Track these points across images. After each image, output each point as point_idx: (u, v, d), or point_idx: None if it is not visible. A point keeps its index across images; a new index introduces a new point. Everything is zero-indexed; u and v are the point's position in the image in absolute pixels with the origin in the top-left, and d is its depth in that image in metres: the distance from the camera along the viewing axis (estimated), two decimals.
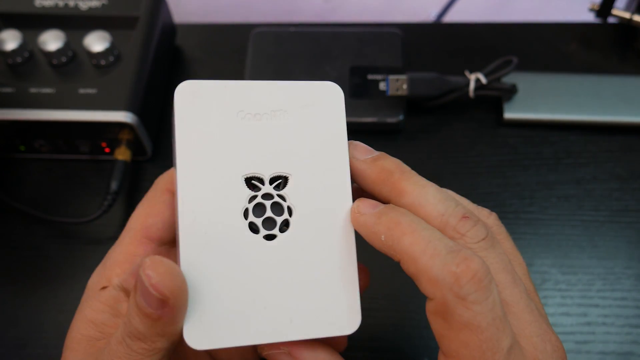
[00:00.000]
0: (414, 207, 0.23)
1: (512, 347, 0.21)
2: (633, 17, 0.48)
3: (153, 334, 0.22)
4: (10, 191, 0.43)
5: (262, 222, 0.23)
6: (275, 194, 0.23)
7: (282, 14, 0.65)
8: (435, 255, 0.21)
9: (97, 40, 0.42)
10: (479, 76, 0.43)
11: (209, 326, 0.22)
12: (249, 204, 0.23)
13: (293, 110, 0.24)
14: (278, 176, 0.24)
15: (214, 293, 0.22)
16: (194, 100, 0.23)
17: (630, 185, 0.42)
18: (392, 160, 0.25)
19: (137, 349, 0.22)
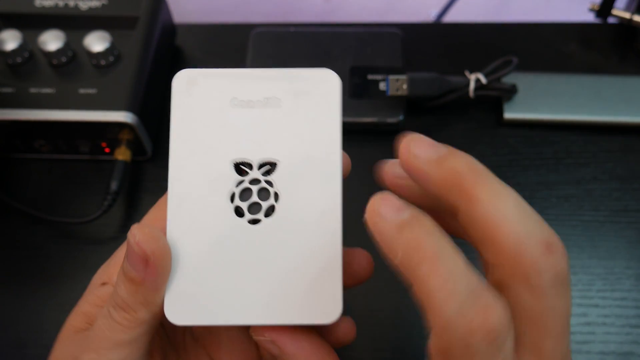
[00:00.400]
0: (486, 225, 0.19)
1: None
2: (633, 17, 0.48)
3: (136, 302, 0.22)
4: (10, 191, 0.43)
5: (248, 206, 0.23)
6: (262, 180, 0.24)
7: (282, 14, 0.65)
8: (452, 296, 0.18)
9: (97, 40, 0.42)
10: (479, 76, 0.43)
11: (188, 303, 0.23)
12: (236, 188, 0.24)
13: (286, 97, 0.24)
14: (267, 162, 0.24)
15: (196, 271, 0.23)
16: (189, 87, 0.24)
17: (630, 185, 0.42)
18: (463, 158, 0.21)
19: (120, 320, 0.23)
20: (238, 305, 0.23)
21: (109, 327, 0.23)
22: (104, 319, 0.23)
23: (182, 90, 0.24)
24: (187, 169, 0.24)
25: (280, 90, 0.24)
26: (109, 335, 0.23)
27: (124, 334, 0.23)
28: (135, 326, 0.23)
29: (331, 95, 0.24)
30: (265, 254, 0.23)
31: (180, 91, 0.24)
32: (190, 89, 0.24)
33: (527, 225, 0.19)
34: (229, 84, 0.24)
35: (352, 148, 0.44)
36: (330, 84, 0.24)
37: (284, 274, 0.23)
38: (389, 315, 0.37)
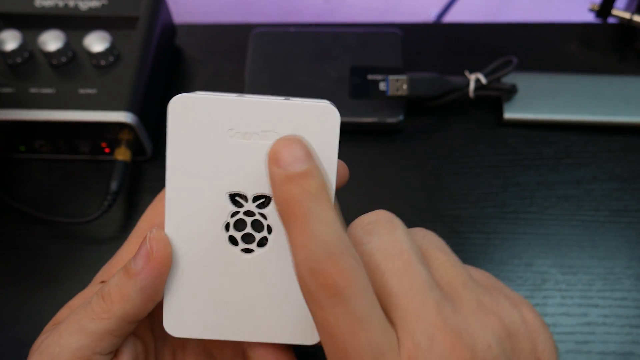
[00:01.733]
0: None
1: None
2: (633, 17, 0.48)
3: (117, 294, 0.24)
4: (11, 191, 0.43)
5: (241, 236, 0.25)
6: (256, 212, 0.24)
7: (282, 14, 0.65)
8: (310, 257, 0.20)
9: (97, 41, 0.42)
10: (479, 76, 0.43)
11: (185, 318, 0.25)
12: (230, 219, 0.24)
13: (284, 130, 0.23)
14: (261, 195, 0.24)
15: (193, 291, 0.25)
16: (186, 114, 0.24)
17: (630, 185, 0.42)
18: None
19: (94, 307, 0.24)
20: (230, 324, 0.25)
21: (82, 313, 0.24)
22: (81, 306, 0.25)
23: (178, 116, 0.24)
24: (184, 197, 0.24)
25: (278, 123, 0.24)
26: (78, 319, 0.24)
27: (92, 322, 0.24)
28: (104, 318, 0.24)
29: (330, 130, 0.24)
30: (256, 281, 0.25)
31: (176, 117, 0.24)
32: (186, 115, 0.24)
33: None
34: (227, 113, 0.24)
35: (352, 148, 0.45)
36: (329, 118, 0.24)
37: (272, 300, 0.25)
38: None
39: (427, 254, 0.23)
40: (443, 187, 0.43)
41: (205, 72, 0.49)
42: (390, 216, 0.23)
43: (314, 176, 0.20)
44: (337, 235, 0.20)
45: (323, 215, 0.20)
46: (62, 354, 0.24)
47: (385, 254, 0.21)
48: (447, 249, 0.23)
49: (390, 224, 0.22)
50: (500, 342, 0.21)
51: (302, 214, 0.20)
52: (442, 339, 0.19)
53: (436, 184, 0.43)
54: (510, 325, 0.22)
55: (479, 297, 0.22)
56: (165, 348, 0.28)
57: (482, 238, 0.40)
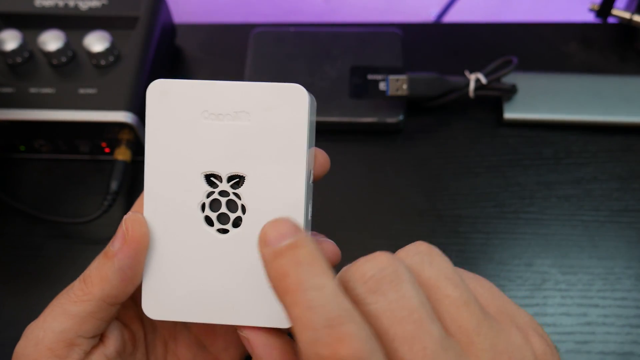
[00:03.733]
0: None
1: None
2: (633, 17, 0.48)
3: (98, 276, 0.24)
4: (10, 191, 0.43)
5: (217, 216, 0.25)
6: (231, 192, 0.25)
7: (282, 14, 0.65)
8: (308, 326, 0.18)
9: (97, 40, 0.42)
10: (479, 76, 0.43)
11: (162, 300, 0.25)
12: (206, 199, 0.25)
13: (255, 112, 0.24)
14: (235, 175, 0.25)
15: (170, 273, 0.25)
16: (162, 98, 0.25)
17: (630, 185, 0.42)
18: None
19: (76, 290, 0.24)
20: (207, 307, 0.25)
21: (64, 297, 0.25)
22: (63, 290, 0.25)
23: (155, 99, 0.25)
24: (160, 179, 0.25)
25: (249, 104, 0.24)
26: (60, 303, 0.24)
27: (73, 305, 0.24)
28: (86, 300, 0.24)
29: (299, 110, 0.24)
30: (232, 261, 0.25)
31: (154, 101, 0.25)
32: (163, 99, 0.25)
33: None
34: (201, 96, 0.25)
35: (352, 148, 0.45)
36: (298, 99, 0.24)
37: (249, 280, 0.25)
38: None
39: (436, 290, 0.21)
40: (443, 187, 0.43)
41: (205, 72, 0.49)
42: (394, 265, 0.20)
43: (302, 246, 0.19)
44: (335, 300, 0.18)
45: (316, 281, 0.19)
46: (46, 337, 0.24)
47: (393, 318, 0.19)
48: (456, 277, 0.21)
49: (396, 278, 0.20)
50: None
51: (295, 285, 0.19)
52: None
53: (436, 184, 0.43)
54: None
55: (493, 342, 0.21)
56: (156, 339, 0.29)
57: (482, 238, 0.40)
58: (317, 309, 0.18)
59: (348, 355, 0.17)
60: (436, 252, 0.22)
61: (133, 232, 0.24)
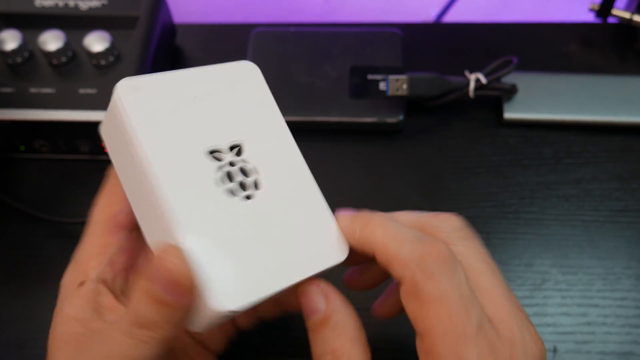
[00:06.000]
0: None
1: (482, 322, 0.22)
2: (633, 17, 0.48)
3: (162, 320, 0.22)
4: (10, 191, 0.43)
5: (236, 185, 0.25)
6: (239, 160, 0.26)
7: (282, 14, 0.65)
8: (403, 241, 0.23)
9: (97, 40, 0.42)
10: (479, 76, 0.43)
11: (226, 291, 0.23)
12: (219, 173, 0.25)
13: (222, 89, 0.27)
14: (234, 145, 0.26)
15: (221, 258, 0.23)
16: (135, 93, 0.25)
17: (630, 185, 0.42)
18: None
19: (144, 338, 0.22)
20: (267, 276, 0.24)
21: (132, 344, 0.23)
22: (124, 336, 0.23)
23: (129, 97, 0.25)
24: (171, 169, 0.24)
25: (215, 83, 0.27)
26: (129, 351, 0.23)
27: (143, 349, 0.23)
28: (158, 343, 0.23)
29: (256, 80, 0.28)
30: (268, 222, 0.25)
31: (129, 99, 0.25)
32: (136, 95, 0.25)
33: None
34: (170, 85, 0.26)
35: (352, 148, 0.45)
36: (252, 71, 0.28)
37: (291, 235, 0.25)
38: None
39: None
40: (443, 187, 0.43)
41: None
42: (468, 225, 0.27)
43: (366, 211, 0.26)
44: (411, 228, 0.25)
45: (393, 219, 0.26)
46: None
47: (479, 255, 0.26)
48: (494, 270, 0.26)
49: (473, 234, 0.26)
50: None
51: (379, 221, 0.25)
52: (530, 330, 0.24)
53: (436, 184, 0.43)
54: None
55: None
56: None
57: (482, 238, 0.40)
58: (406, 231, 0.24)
59: (442, 250, 0.23)
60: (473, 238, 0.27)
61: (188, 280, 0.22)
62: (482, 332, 0.22)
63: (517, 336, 0.23)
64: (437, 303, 0.22)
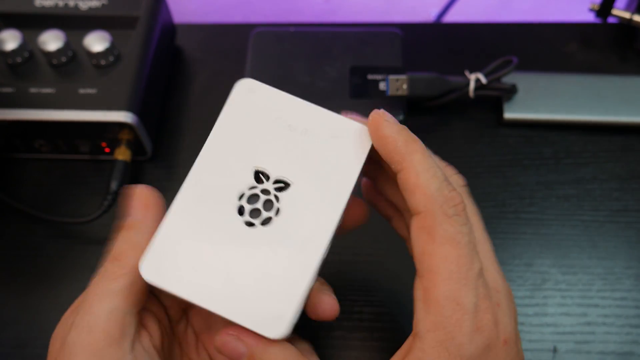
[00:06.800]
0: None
1: (481, 271, 0.24)
2: (633, 17, 0.48)
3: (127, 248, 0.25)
4: (10, 191, 0.43)
5: (250, 209, 0.26)
6: (272, 192, 0.26)
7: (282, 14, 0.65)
8: (435, 177, 0.25)
9: (97, 40, 0.42)
10: (479, 76, 0.43)
11: (164, 268, 0.25)
12: (247, 190, 0.26)
13: (322, 135, 0.27)
14: (282, 180, 0.26)
15: (183, 244, 0.25)
16: (248, 95, 0.27)
17: (630, 185, 0.42)
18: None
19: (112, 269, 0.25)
20: (206, 287, 0.25)
21: (101, 278, 0.25)
22: (96, 276, 0.25)
23: (241, 94, 0.27)
24: (215, 158, 0.26)
25: (320, 127, 0.27)
26: (100, 285, 0.25)
27: (114, 283, 0.25)
28: (124, 273, 0.25)
29: (361, 146, 0.27)
30: (249, 255, 0.25)
31: (239, 95, 0.27)
32: (248, 96, 0.27)
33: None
34: (281, 105, 0.27)
35: None
36: (363, 137, 0.27)
37: (257, 279, 0.25)
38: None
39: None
40: None
41: (205, 72, 0.49)
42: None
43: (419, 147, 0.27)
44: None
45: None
46: (99, 320, 0.24)
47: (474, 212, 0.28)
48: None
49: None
50: None
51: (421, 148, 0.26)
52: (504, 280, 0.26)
53: None
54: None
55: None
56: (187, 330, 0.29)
57: None
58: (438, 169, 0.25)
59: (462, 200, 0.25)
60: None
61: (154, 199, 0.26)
62: (481, 279, 0.24)
63: (500, 284, 0.26)
64: (449, 243, 0.24)
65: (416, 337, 0.24)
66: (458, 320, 0.23)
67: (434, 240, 0.24)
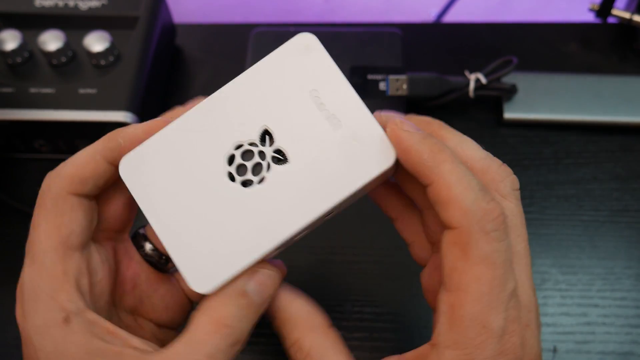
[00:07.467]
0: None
1: (514, 291, 0.23)
2: (633, 17, 0.48)
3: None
4: (10, 191, 0.43)
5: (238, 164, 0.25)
6: (267, 159, 0.25)
7: (282, 14, 0.65)
8: (469, 188, 0.22)
9: (97, 40, 0.42)
10: (479, 76, 0.43)
11: (141, 172, 0.25)
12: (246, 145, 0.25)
13: (346, 130, 0.25)
14: (282, 151, 0.25)
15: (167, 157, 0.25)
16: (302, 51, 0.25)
17: (630, 185, 0.42)
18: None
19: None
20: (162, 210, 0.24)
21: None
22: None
23: (295, 47, 0.25)
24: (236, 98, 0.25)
25: (348, 120, 0.25)
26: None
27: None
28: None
29: (375, 166, 0.25)
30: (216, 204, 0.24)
31: (294, 47, 0.25)
32: (300, 52, 0.25)
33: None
34: (326, 76, 0.25)
35: None
36: (383, 159, 0.25)
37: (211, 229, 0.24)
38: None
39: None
40: None
41: (205, 72, 0.49)
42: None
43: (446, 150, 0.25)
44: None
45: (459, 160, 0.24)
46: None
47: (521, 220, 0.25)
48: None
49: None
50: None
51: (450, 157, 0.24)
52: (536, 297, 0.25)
53: None
54: None
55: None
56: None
57: None
58: (472, 177, 0.23)
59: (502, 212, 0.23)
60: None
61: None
62: (513, 299, 0.23)
63: (532, 301, 0.24)
64: (484, 263, 0.22)
65: (434, 348, 0.23)
66: (482, 342, 0.22)
67: (467, 258, 0.22)
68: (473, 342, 0.22)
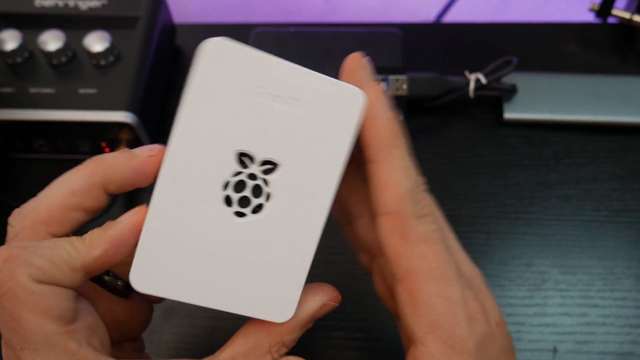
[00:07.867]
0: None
1: (458, 263, 0.25)
2: (633, 17, 0.48)
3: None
4: (10, 191, 0.43)
5: (238, 198, 0.23)
6: (260, 177, 0.23)
7: (283, 14, 0.65)
8: (409, 177, 0.24)
9: (97, 40, 0.42)
10: (479, 76, 0.43)
11: (156, 274, 0.23)
12: (232, 178, 0.23)
13: (309, 103, 0.23)
14: (269, 161, 0.23)
15: (172, 247, 0.23)
16: (219, 59, 0.23)
17: (630, 185, 0.42)
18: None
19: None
20: (203, 288, 0.23)
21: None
22: None
23: (209, 60, 0.23)
24: (190, 145, 0.23)
25: (306, 94, 0.23)
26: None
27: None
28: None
29: (352, 114, 0.24)
30: (241, 247, 0.24)
31: (208, 61, 0.23)
32: (219, 62, 0.23)
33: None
34: (260, 70, 0.23)
35: None
36: (354, 103, 0.24)
37: (253, 270, 0.24)
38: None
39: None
40: (443, 187, 0.43)
41: None
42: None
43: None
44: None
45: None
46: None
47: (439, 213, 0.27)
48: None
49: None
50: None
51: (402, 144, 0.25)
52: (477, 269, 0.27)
53: (436, 184, 0.43)
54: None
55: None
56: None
57: (482, 238, 0.40)
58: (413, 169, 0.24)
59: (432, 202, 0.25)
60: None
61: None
62: (460, 272, 0.24)
63: (474, 270, 0.26)
64: (425, 242, 0.23)
65: (417, 343, 0.23)
66: (452, 315, 0.23)
67: (408, 241, 0.23)
68: (445, 317, 0.23)
